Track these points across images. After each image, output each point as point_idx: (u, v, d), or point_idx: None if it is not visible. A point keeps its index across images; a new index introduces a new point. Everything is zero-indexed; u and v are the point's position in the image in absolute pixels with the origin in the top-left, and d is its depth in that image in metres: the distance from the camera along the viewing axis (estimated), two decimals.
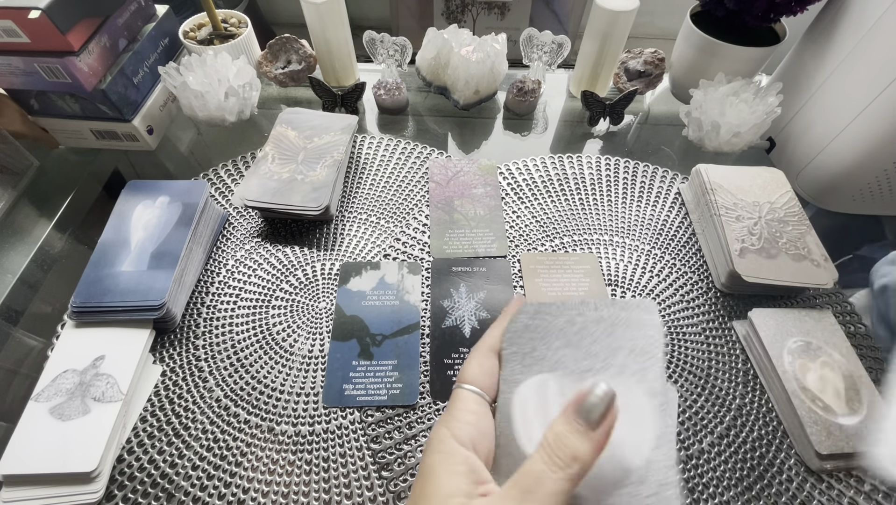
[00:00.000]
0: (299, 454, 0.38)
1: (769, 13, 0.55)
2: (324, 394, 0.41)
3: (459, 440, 0.22)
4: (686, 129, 0.59)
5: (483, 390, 0.24)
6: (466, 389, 0.24)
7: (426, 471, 0.22)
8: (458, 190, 0.55)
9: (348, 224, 0.53)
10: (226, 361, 0.43)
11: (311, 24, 0.61)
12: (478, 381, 0.24)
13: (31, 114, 0.56)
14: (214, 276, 0.48)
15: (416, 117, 0.66)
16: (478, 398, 0.24)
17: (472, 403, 0.24)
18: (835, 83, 0.53)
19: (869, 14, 0.49)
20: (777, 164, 0.61)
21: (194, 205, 0.47)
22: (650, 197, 0.56)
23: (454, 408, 0.24)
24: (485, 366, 0.25)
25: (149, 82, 0.58)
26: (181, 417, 0.40)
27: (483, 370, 0.25)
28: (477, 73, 0.59)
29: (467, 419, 0.23)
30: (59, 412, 0.37)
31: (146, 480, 0.37)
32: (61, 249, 0.52)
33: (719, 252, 0.48)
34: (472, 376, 0.25)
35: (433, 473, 0.21)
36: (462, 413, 0.23)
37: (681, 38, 0.64)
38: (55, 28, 0.46)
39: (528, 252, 0.51)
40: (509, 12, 0.77)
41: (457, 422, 0.23)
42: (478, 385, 0.24)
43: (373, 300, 0.46)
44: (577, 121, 0.66)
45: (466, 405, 0.23)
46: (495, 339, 0.26)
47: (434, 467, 0.21)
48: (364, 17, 0.85)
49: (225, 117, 0.57)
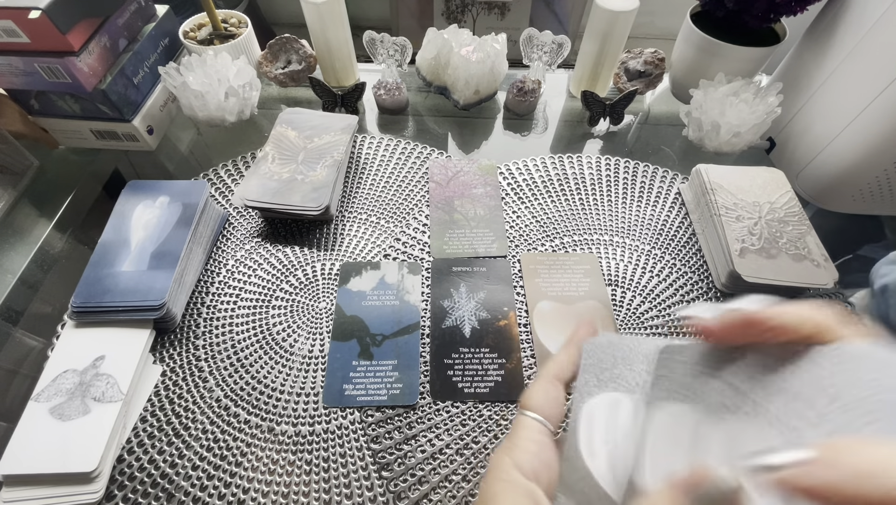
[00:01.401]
0: (299, 454, 0.38)
1: (769, 13, 0.55)
2: (324, 394, 0.41)
3: (521, 470, 0.21)
4: (686, 129, 0.59)
5: (546, 419, 0.23)
6: (530, 417, 0.23)
7: (487, 500, 0.21)
8: (458, 190, 0.55)
9: (348, 224, 0.53)
10: (226, 361, 0.43)
11: (311, 24, 0.61)
12: (542, 409, 0.23)
13: (31, 114, 0.56)
14: (214, 276, 0.48)
15: (416, 117, 0.66)
16: (541, 427, 0.23)
17: (535, 432, 0.23)
18: (835, 83, 0.53)
19: (869, 14, 0.49)
20: (777, 164, 0.61)
21: (194, 205, 0.47)
22: (650, 197, 0.56)
23: (517, 436, 0.23)
24: (550, 393, 0.24)
25: (149, 82, 0.58)
26: (181, 417, 0.40)
27: (547, 398, 0.24)
28: (477, 73, 0.59)
29: (530, 449, 0.22)
30: (59, 412, 0.37)
31: (146, 480, 0.37)
32: (61, 249, 0.52)
33: (719, 252, 0.48)
34: (535, 404, 0.24)
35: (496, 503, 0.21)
36: (525, 442, 0.22)
37: (681, 38, 0.64)
38: (55, 28, 0.46)
39: (528, 252, 0.51)
40: (509, 12, 0.77)
41: (519, 451, 0.22)
42: (541, 413, 0.23)
43: (373, 300, 0.46)
44: (577, 121, 0.66)
45: (529, 434, 0.23)
46: (561, 365, 0.25)
47: (497, 497, 0.21)
48: (364, 17, 0.85)
49: (225, 117, 0.57)
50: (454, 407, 0.41)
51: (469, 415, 0.40)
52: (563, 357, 0.25)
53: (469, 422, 0.40)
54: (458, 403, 0.41)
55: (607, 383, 0.23)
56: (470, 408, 0.41)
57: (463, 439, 0.39)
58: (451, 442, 0.39)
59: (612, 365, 0.23)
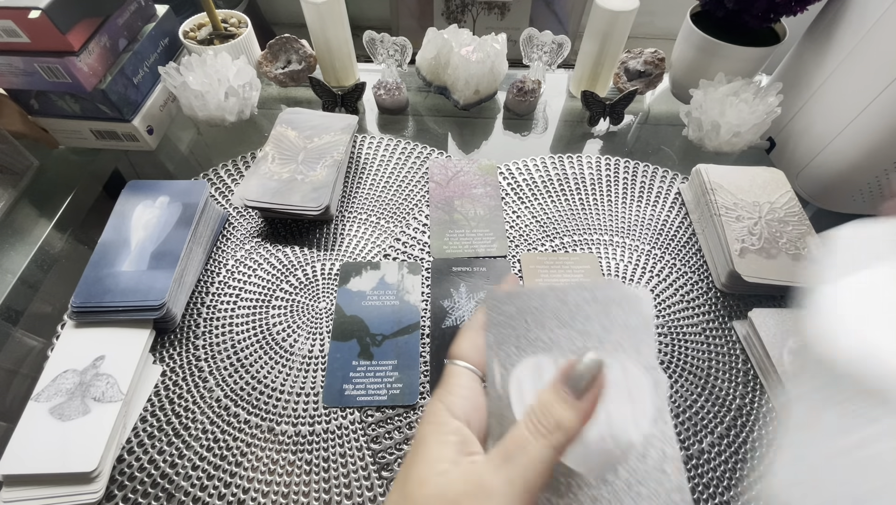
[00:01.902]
0: (299, 454, 0.38)
1: (769, 13, 0.55)
2: (324, 394, 0.41)
3: (453, 413, 0.22)
4: (686, 129, 0.59)
5: (475, 366, 0.25)
6: (460, 365, 0.25)
7: (417, 441, 0.22)
8: (458, 190, 0.55)
9: (348, 224, 0.53)
10: (226, 361, 0.43)
11: (311, 24, 0.61)
12: (470, 357, 0.25)
13: (31, 114, 0.56)
14: (214, 276, 0.48)
15: (416, 117, 0.66)
16: (471, 374, 0.24)
17: (466, 379, 0.24)
18: (835, 83, 0.53)
19: (869, 14, 0.49)
20: (777, 164, 0.61)
21: (194, 205, 0.47)
22: (650, 197, 0.56)
23: (448, 383, 0.24)
24: (477, 342, 0.25)
25: (149, 82, 0.58)
26: (181, 417, 0.40)
27: (475, 346, 0.25)
28: (477, 73, 0.59)
29: (461, 393, 0.23)
30: (59, 412, 0.37)
31: (146, 480, 0.37)
32: (61, 249, 0.52)
33: (719, 252, 0.48)
34: (464, 352, 0.25)
35: (423, 442, 0.22)
36: (456, 388, 0.24)
37: (681, 38, 0.64)
38: (55, 28, 0.46)
39: (528, 252, 0.51)
40: (509, 12, 0.77)
41: (450, 396, 0.23)
42: (470, 361, 0.25)
43: (373, 300, 0.46)
44: (577, 121, 0.66)
45: (460, 380, 0.24)
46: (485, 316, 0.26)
47: (425, 437, 0.22)
48: (364, 17, 0.85)
49: (225, 117, 0.57)
50: None
51: None
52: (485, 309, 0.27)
53: None
54: None
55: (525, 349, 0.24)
56: None
57: None
58: None
59: (526, 330, 0.24)
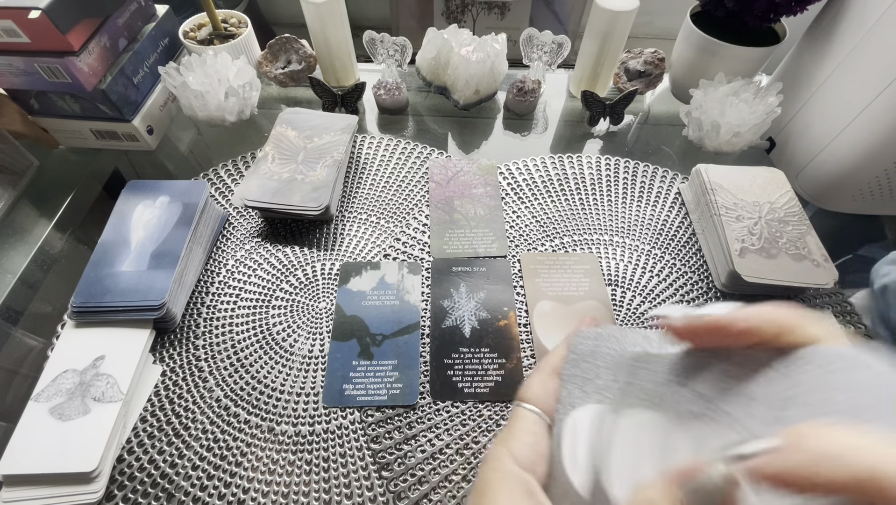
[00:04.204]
0: (299, 454, 0.38)
1: (769, 13, 0.55)
2: (324, 394, 0.41)
3: (518, 461, 0.21)
4: (686, 129, 0.59)
5: (544, 411, 0.23)
6: (527, 409, 0.23)
7: (484, 488, 0.21)
8: (458, 190, 0.55)
9: (348, 224, 0.53)
10: (226, 361, 0.43)
11: (311, 24, 0.61)
12: (539, 401, 0.24)
13: (31, 114, 0.56)
14: (214, 276, 0.48)
15: (416, 117, 0.66)
16: (537, 419, 0.23)
17: (532, 424, 0.23)
18: (835, 83, 0.53)
19: (869, 14, 0.49)
20: (777, 164, 0.61)
21: (194, 205, 0.47)
22: (650, 197, 0.56)
23: (513, 427, 0.23)
24: (548, 386, 0.24)
25: (149, 82, 0.58)
26: (181, 417, 0.40)
27: (545, 391, 0.24)
28: (477, 73, 0.59)
29: (526, 440, 0.22)
30: (59, 412, 0.37)
31: (146, 480, 0.37)
32: (61, 249, 0.52)
33: (719, 252, 0.48)
34: (533, 396, 0.24)
35: (491, 492, 0.21)
36: (521, 433, 0.22)
37: (681, 38, 0.64)
38: (55, 28, 0.46)
39: (528, 252, 0.51)
40: (509, 12, 0.77)
41: (516, 442, 0.22)
42: (539, 406, 0.23)
43: (373, 300, 0.46)
44: (577, 121, 0.66)
45: (526, 426, 0.23)
46: (559, 359, 0.25)
47: (492, 485, 0.21)
48: (364, 17, 0.85)
49: (225, 117, 0.57)
50: (454, 407, 0.41)
51: (469, 415, 0.40)
52: (562, 351, 0.25)
53: (469, 422, 0.40)
54: (458, 403, 0.41)
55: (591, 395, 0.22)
56: (470, 408, 0.41)
57: (463, 439, 0.39)
58: (451, 442, 0.39)
59: (596, 375, 0.23)
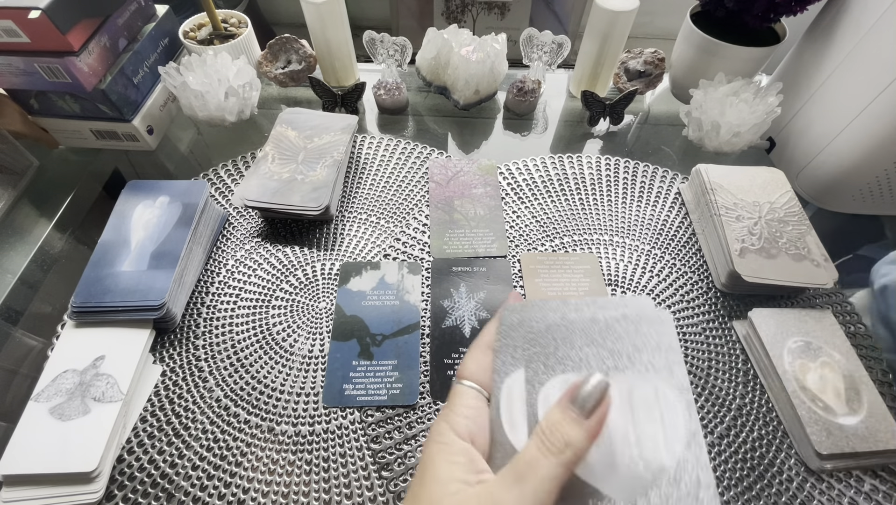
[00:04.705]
0: (299, 454, 0.38)
1: (769, 13, 0.55)
2: (324, 394, 0.41)
3: (458, 433, 0.23)
4: (686, 129, 0.59)
5: (481, 386, 0.25)
6: (465, 385, 0.25)
7: (425, 461, 0.23)
8: (458, 190, 0.55)
9: (348, 224, 0.53)
10: (226, 361, 0.43)
11: (311, 24, 0.61)
12: (476, 377, 0.25)
13: (31, 114, 0.56)
14: (214, 276, 0.48)
15: (416, 117, 0.66)
16: (476, 394, 0.25)
17: (471, 399, 0.24)
18: (835, 83, 0.53)
19: (869, 14, 0.49)
20: (777, 164, 0.61)
21: (194, 205, 0.47)
22: (650, 197, 0.56)
23: (453, 403, 0.24)
24: (482, 362, 0.26)
25: (149, 82, 0.58)
26: (181, 417, 0.40)
27: (481, 366, 0.25)
28: (477, 73, 0.59)
29: (466, 413, 0.24)
30: (59, 412, 0.37)
31: (146, 480, 0.37)
32: (61, 249, 0.52)
33: (719, 252, 0.48)
34: (470, 372, 0.25)
35: (432, 463, 0.22)
36: (460, 408, 0.24)
37: (681, 38, 0.64)
38: (55, 28, 0.46)
39: (528, 252, 0.51)
40: (509, 12, 0.77)
41: (455, 416, 0.23)
42: (476, 381, 0.25)
43: (373, 300, 0.46)
44: (577, 121, 0.66)
45: (465, 400, 0.24)
46: (492, 335, 0.27)
47: (433, 457, 0.22)
48: (364, 17, 0.85)
49: (225, 117, 0.57)
50: None
51: None
52: (492, 327, 0.27)
53: None
54: None
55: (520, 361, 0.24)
56: None
57: None
58: None
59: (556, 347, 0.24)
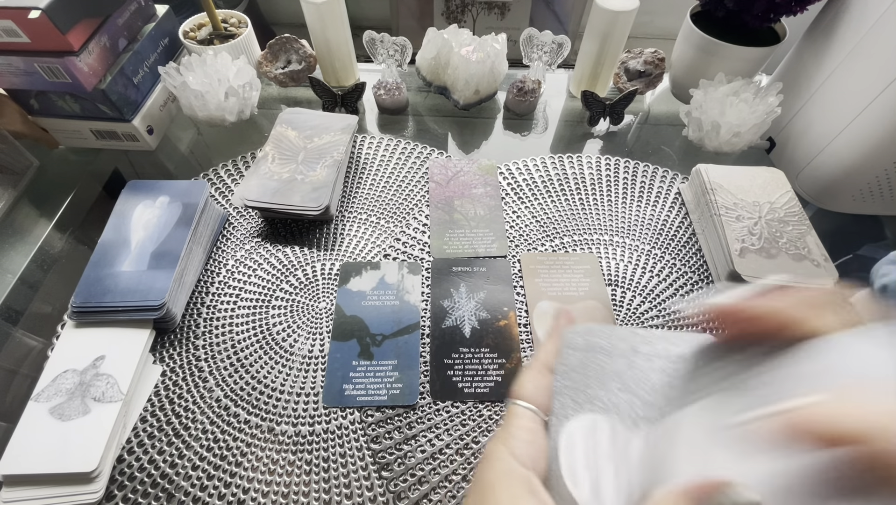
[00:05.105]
0: (299, 454, 0.38)
1: (769, 13, 0.55)
2: (324, 394, 0.41)
3: (517, 458, 0.21)
4: (686, 129, 0.59)
5: (538, 407, 0.23)
6: (522, 406, 0.23)
7: (485, 488, 0.21)
8: (458, 190, 0.55)
9: (348, 224, 0.53)
10: (226, 361, 0.43)
11: (311, 24, 0.61)
12: (533, 397, 0.24)
13: (31, 114, 0.56)
14: (214, 276, 0.48)
15: (416, 117, 0.66)
16: (533, 416, 0.23)
17: (528, 421, 0.23)
18: (835, 83, 0.53)
19: (869, 14, 0.49)
20: (777, 164, 0.61)
21: (194, 205, 0.47)
22: (650, 197, 0.56)
23: (510, 425, 0.23)
24: (540, 382, 0.24)
25: (149, 82, 0.58)
26: (181, 417, 0.40)
27: (538, 387, 0.24)
28: (477, 73, 0.59)
29: (524, 437, 0.22)
30: (59, 412, 0.37)
31: (146, 480, 0.37)
32: (61, 249, 0.52)
33: (719, 252, 0.48)
34: (527, 393, 0.24)
35: (492, 491, 0.20)
36: (518, 430, 0.22)
37: (681, 38, 0.64)
38: (55, 28, 0.46)
39: (528, 252, 0.51)
40: (509, 12, 0.77)
41: (514, 439, 0.22)
42: (533, 402, 0.24)
43: (373, 300, 0.46)
44: (577, 121, 0.66)
45: (522, 423, 0.23)
46: (550, 355, 0.25)
47: (493, 484, 0.21)
48: (364, 17, 0.85)
49: (225, 117, 0.57)
50: (454, 407, 0.41)
51: (469, 415, 0.40)
52: (550, 347, 0.25)
53: (469, 422, 0.40)
54: (458, 403, 0.41)
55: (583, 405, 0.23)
56: (470, 408, 0.41)
57: (463, 439, 0.39)
58: (451, 442, 0.39)
59: (586, 386, 0.23)
